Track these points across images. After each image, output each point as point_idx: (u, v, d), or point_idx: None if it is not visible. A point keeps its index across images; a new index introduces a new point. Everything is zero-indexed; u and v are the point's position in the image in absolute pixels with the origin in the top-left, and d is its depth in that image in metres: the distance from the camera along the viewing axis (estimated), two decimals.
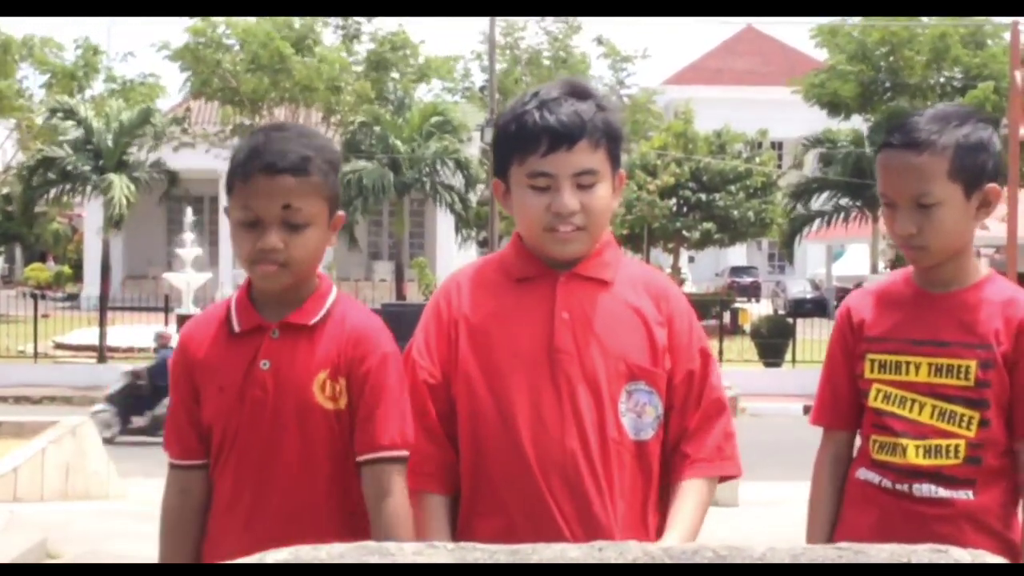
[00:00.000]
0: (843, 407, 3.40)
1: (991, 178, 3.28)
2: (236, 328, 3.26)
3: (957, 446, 3.22)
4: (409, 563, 1.77)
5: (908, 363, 3.27)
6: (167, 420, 3.37)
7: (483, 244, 44.30)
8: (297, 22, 37.17)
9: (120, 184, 31.22)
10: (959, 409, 3.22)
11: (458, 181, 40.18)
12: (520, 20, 45.32)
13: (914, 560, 1.88)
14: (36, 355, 27.91)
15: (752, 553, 1.89)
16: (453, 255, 42.45)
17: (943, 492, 3.21)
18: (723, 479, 3.27)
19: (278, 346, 3.22)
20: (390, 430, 3.15)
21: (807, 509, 3.46)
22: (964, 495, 3.21)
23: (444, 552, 1.83)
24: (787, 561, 1.87)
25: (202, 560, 3.28)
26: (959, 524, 3.20)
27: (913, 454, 3.22)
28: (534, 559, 1.82)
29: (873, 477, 3.30)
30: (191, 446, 3.29)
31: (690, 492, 3.13)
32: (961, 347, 3.23)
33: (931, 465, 3.22)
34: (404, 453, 3.16)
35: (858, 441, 3.45)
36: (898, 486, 3.24)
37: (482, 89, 44.77)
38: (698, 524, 3.11)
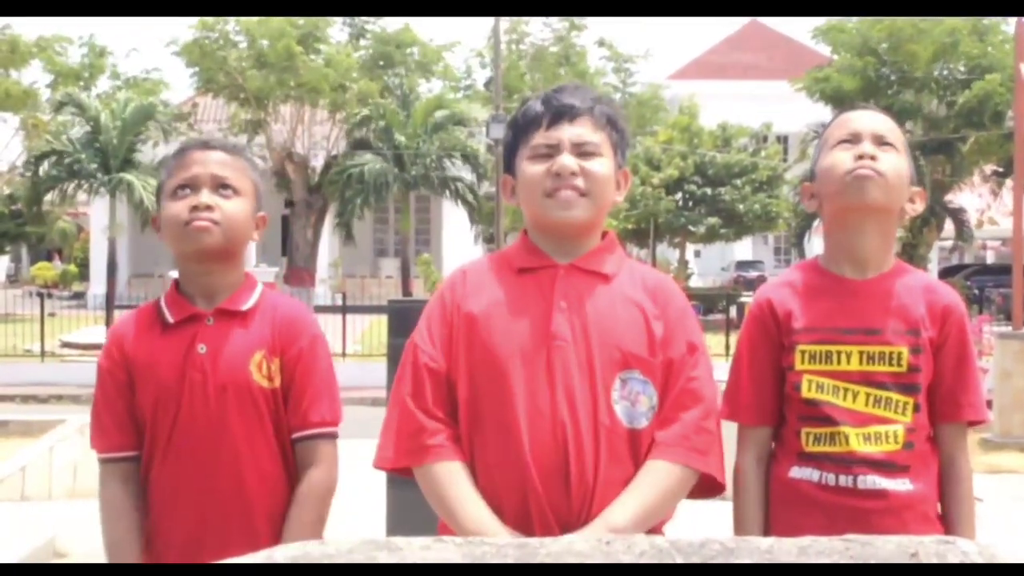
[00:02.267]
0: (769, 403, 3.37)
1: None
2: (170, 319, 3.42)
3: (896, 432, 3.25)
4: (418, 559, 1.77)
5: (839, 352, 3.28)
6: (96, 417, 3.47)
7: (489, 240, 44.28)
8: (302, 19, 37.18)
9: (139, 183, 31.22)
10: (894, 395, 3.26)
11: (467, 174, 40.16)
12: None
13: (920, 551, 1.88)
14: (43, 354, 27.89)
15: (760, 545, 1.89)
16: (459, 251, 42.43)
17: (885, 483, 3.23)
18: (710, 487, 3.22)
19: (214, 331, 3.40)
20: (321, 408, 3.41)
21: (735, 515, 3.39)
22: (904, 485, 3.24)
23: (452, 547, 1.84)
24: (794, 553, 1.87)
25: (150, 546, 3.39)
26: (902, 516, 3.23)
27: (855, 442, 3.24)
28: (542, 552, 1.82)
29: (811, 474, 3.27)
30: (128, 439, 3.42)
31: (645, 473, 3.10)
32: (891, 334, 3.28)
33: (873, 452, 3.23)
34: (333, 430, 3.43)
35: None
36: (842, 479, 3.24)
37: (486, 85, 44.73)
38: (648, 506, 3.05)
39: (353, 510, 3.21)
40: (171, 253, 3.51)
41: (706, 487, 3.20)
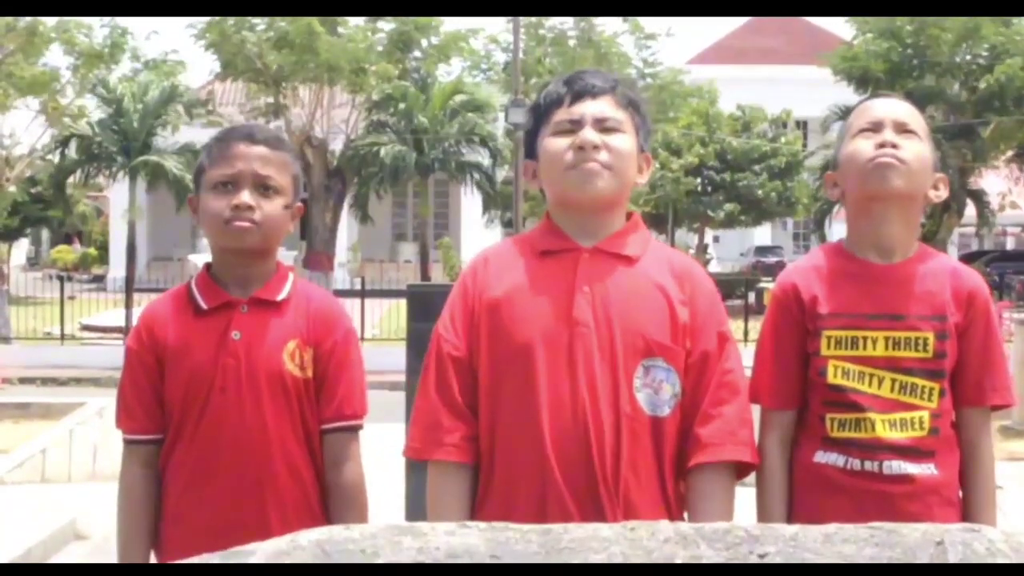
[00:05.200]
0: (793, 387, 3.37)
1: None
2: (203, 306, 3.47)
3: (922, 418, 3.25)
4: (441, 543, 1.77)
5: (865, 338, 3.28)
6: (123, 398, 3.52)
7: (508, 224, 44.26)
8: None
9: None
10: (919, 381, 3.26)
11: (484, 159, 40.06)
12: None
13: (947, 539, 1.87)
14: (63, 337, 27.99)
15: (785, 532, 1.89)
16: (478, 236, 42.41)
17: (910, 468, 3.23)
18: (746, 469, 3.24)
19: (248, 319, 3.44)
20: (353, 401, 3.48)
21: (758, 499, 3.40)
22: (929, 469, 3.25)
23: (476, 532, 1.83)
24: (820, 540, 1.87)
25: (170, 531, 3.44)
26: (926, 500, 3.24)
27: (881, 428, 3.24)
28: (566, 538, 1.82)
29: (836, 459, 3.28)
30: (154, 422, 3.46)
31: (708, 483, 3.12)
32: (917, 319, 3.27)
33: (899, 439, 3.23)
34: (361, 423, 3.53)
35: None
36: (867, 464, 3.24)
37: (504, 68, 44.66)
38: (726, 516, 3.07)
39: (371, 494, 3.24)
40: (207, 240, 3.56)
41: (741, 469, 3.22)
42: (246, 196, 3.40)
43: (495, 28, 70.99)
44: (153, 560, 3.45)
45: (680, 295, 3.16)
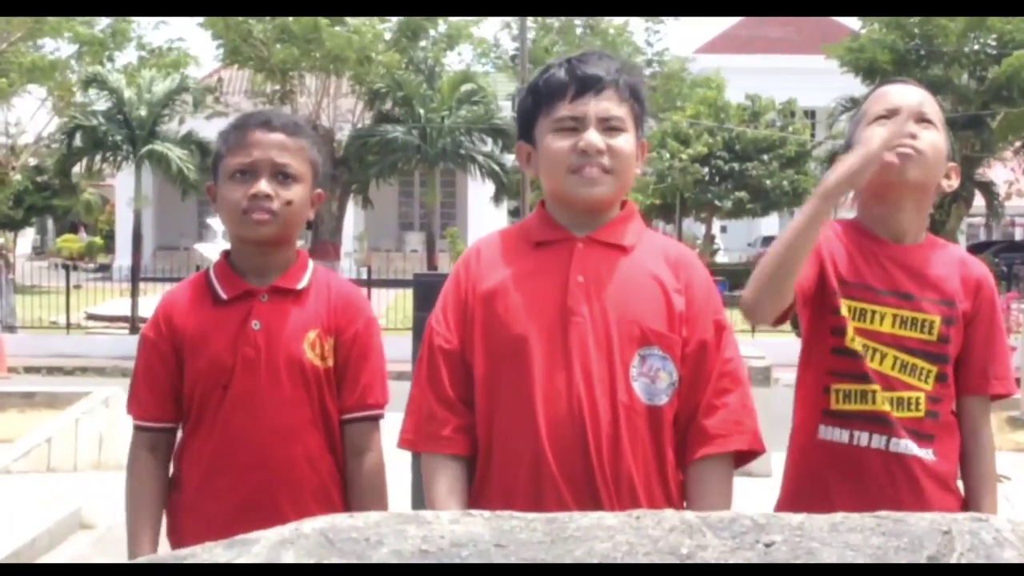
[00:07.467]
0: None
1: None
2: (223, 295, 3.44)
3: (918, 399, 3.26)
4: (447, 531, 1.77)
5: (875, 312, 3.28)
6: (136, 385, 3.51)
7: (514, 213, 44.23)
8: None
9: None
10: (919, 362, 3.26)
11: (493, 147, 40.00)
12: None
13: (955, 529, 1.86)
14: (68, 326, 28.01)
15: (790, 521, 1.88)
16: (485, 225, 42.39)
17: (916, 449, 3.24)
18: (749, 456, 3.21)
19: (268, 308, 3.42)
20: (375, 391, 3.48)
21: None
22: (928, 454, 3.25)
23: (480, 520, 1.82)
24: (826, 529, 1.86)
25: (181, 524, 3.46)
26: (928, 484, 3.25)
27: (882, 402, 3.23)
28: (571, 527, 1.81)
29: (840, 435, 3.28)
30: (164, 410, 3.46)
31: (710, 473, 3.11)
32: (926, 302, 3.28)
33: (900, 416, 3.23)
34: (383, 412, 3.48)
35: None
36: (875, 439, 3.24)
37: (513, 58, 44.63)
38: (726, 505, 3.07)
39: None
40: (226, 229, 3.54)
41: (748, 455, 3.19)
42: (264, 185, 3.37)
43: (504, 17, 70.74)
44: (168, 551, 3.43)
45: (675, 283, 3.14)
